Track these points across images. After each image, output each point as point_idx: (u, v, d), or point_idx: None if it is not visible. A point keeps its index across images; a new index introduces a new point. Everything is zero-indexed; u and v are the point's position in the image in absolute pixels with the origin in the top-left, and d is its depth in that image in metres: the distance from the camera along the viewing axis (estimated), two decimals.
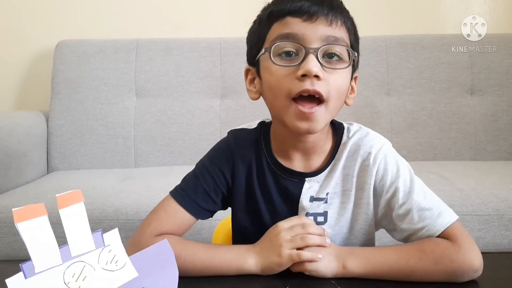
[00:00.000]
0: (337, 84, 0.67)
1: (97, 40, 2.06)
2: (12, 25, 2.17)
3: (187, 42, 2.05)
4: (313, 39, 0.65)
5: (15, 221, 0.43)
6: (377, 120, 1.98)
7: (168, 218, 0.75)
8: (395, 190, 0.72)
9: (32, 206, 0.44)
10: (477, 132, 1.98)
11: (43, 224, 0.44)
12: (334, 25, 0.66)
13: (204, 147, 1.96)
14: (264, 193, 0.78)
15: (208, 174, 0.78)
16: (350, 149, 0.76)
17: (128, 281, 0.50)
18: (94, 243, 0.48)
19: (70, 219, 0.46)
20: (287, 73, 0.66)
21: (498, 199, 1.37)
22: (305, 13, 0.65)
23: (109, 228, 0.49)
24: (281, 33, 0.67)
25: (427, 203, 0.71)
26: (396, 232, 0.75)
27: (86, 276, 0.47)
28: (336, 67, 0.67)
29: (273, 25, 0.69)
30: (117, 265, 0.50)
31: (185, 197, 0.76)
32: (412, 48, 2.03)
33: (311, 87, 0.64)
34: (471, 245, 0.66)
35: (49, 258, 0.45)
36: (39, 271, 0.44)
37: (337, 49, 0.67)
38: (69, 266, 0.46)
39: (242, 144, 0.80)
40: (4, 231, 1.36)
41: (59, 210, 0.45)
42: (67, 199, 0.46)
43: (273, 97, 0.69)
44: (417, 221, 0.70)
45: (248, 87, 0.77)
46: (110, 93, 2.00)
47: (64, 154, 1.96)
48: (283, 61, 0.67)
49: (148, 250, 0.55)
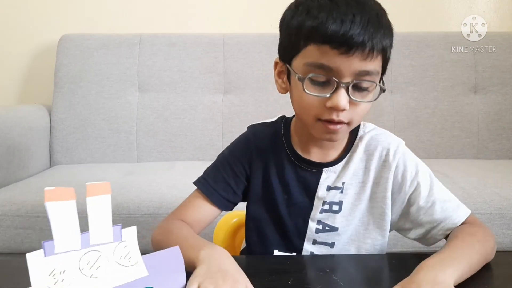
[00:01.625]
0: (362, 111, 0.71)
1: (100, 34, 2.06)
2: (15, 19, 2.17)
3: (190, 38, 2.05)
4: (346, 74, 0.66)
5: (45, 200, 0.44)
6: (380, 117, 1.98)
7: (192, 207, 0.81)
8: (417, 185, 0.76)
9: (63, 189, 0.46)
10: (480, 130, 1.98)
11: (70, 207, 0.46)
12: (370, 58, 0.66)
13: (207, 142, 1.98)
14: (282, 183, 0.81)
15: (227, 164, 0.83)
16: (367, 143, 0.80)
17: (138, 279, 0.52)
18: (113, 236, 0.50)
19: (95, 208, 0.48)
20: (317, 101, 0.68)
21: (500, 198, 1.37)
22: (343, 46, 0.64)
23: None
24: (316, 62, 0.67)
25: (447, 195, 0.77)
26: (414, 229, 0.78)
27: (100, 266, 0.49)
28: (363, 100, 0.69)
29: (310, 44, 0.67)
30: (130, 262, 0.52)
31: (206, 185, 0.82)
32: (416, 46, 2.03)
33: (336, 118, 0.68)
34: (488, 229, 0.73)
35: (69, 241, 0.47)
36: (58, 252, 0.46)
37: (366, 83, 0.68)
38: (86, 253, 0.48)
39: (260, 137, 0.84)
40: (6, 224, 1.36)
41: (87, 198, 0.48)
42: (96, 189, 0.49)
43: (301, 112, 0.73)
44: (440, 212, 0.75)
45: (277, 79, 0.79)
46: (112, 88, 2.00)
47: (66, 148, 1.97)
48: (315, 87, 0.68)
49: (161, 253, 0.57)
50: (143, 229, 1.36)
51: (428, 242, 0.78)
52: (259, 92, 1.99)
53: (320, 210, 0.78)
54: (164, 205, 1.37)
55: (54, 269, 0.45)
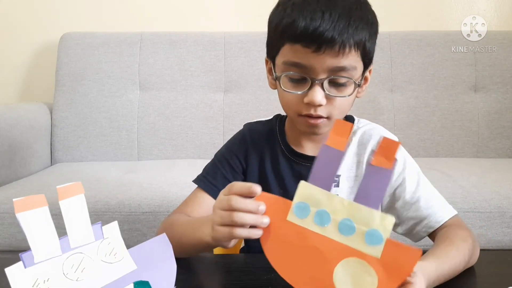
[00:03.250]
0: (340, 105, 0.72)
1: (102, 33, 2.06)
2: (16, 18, 2.17)
3: (191, 36, 2.05)
4: (319, 71, 0.68)
5: (15, 211, 0.43)
6: (380, 116, 1.98)
7: (194, 203, 0.82)
8: (403, 180, 0.78)
9: (33, 197, 0.44)
10: (480, 129, 1.98)
11: (43, 215, 0.44)
12: (342, 54, 0.67)
13: (207, 141, 1.99)
14: (278, 178, 0.83)
15: (225, 159, 0.85)
16: (360, 137, 0.81)
17: (126, 274, 0.51)
18: (94, 235, 0.49)
19: (70, 211, 0.47)
20: (295, 97, 0.72)
21: (500, 197, 1.37)
22: (313, 44, 0.66)
23: (111, 221, 0.49)
24: (290, 60, 0.70)
25: (434, 193, 0.78)
26: (400, 225, 0.79)
27: (85, 267, 0.48)
28: (340, 95, 0.70)
29: (285, 44, 0.70)
30: (116, 258, 0.51)
31: (206, 182, 0.83)
32: (416, 44, 2.02)
33: (314, 113, 0.71)
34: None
35: (48, 249, 0.45)
36: (38, 261, 0.45)
37: (342, 79, 0.69)
38: (68, 257, 0.47)
39: (256, 134, 0.87)
40: (7, 222, 1.37)
41: (59, 201, 0.46)
42: (67, 191, 0.47)
43: (284, 108, 0.78)
44: (424, 208, 0.76)
45: (268, 76, 0.82)
46: (114, 86, 2.01)
47: (67, 146, 1.97)
48: (292, 85, 0.72)
49: (147, 243, 0.55)
50: (144, 227, 1.37)
51: (414, 237, 0.79)
52: (260, 90, 1.99)
53: None
54: (165, 203, 1.37)
55: (37, 278, 0.44)
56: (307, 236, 0.52)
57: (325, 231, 0.52)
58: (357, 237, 0.50)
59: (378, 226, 0.50)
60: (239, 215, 0.55)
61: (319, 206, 0.52)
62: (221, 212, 0.57)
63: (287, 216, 0.53)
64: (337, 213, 0.52)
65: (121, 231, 0.52)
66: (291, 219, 0.53)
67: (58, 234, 0.46)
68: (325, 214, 0.52)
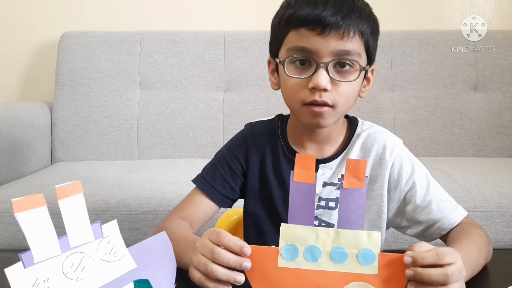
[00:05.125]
0: (345, 93, 0.71)
1: (102, 32, 2.06)
2: (17, 16, 2.17)
3: (191, 35, 2.05)
4: (324, 54, 0.68)
5: (14, 211, 0.42)
6: (380, 115, 1.98)
7: (191, 205, 0.81)
8: (413, 183, 0.77)
9: (32, 197, 0.44)
10: (480, 128, 1.98)
11: (42, 214, 0.44)
12: (346, 38, 0.68)
13: (207, 140, 1.99)
14: (279, 179, 0.82)
15: (225, 161, 0.84)
16: (364, 140, 0.80)
17: (126, 272, 0.51)
18: (93, 234, 0.49)
19: (69, 210, 0.47)
20: (300, 83, 0.71)
21: (500, 196, 1.37)
22: (318, 26, 0.67)
23: (111, 220, 0.49)
24: (295, 45, 0.71)
25: (444, 195, 0.78)
26: (411, 228, 0.79)
27: (85, 266, 0.48)
28: (344, 80, 0.70)
29: (290, 31, 0.72)
30: (115, 256, 0.50)
31: (204, 183, 0.82)
32: (416, 44, 2.02)
33: (319, 99, 0.69)
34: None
35: (48, 249, 0.45)
36: (38, 261, 0.44)
37: (347, 61, 0.70)
38: (68, 256, 0.47)
39: (257, 134, 0.86)
40: (7, 221, 1.37)
41: (58, 201, 0.46)
42: (66, 190, 0.47)
43: (289, 99, 0.75)
44: (436, 211, 0.75)
45: (270, 77, 0.82)
46: (114, 85, 2.01)
47: (67, 145, 1.97)
48: (297, 71, 0.71)
49: (147, 241, 0.55)
50: (144, 226, 1.37)
51: (425, 239, 0.78)
52: (260, 89, 1.99)
53: (316, 206, 0.79)
54: (165, 202, 1.37)
55: (37, 278, 0.44)
56: (304, 276, 0.53)
57: (319, 265, 0.53)
58: (351, 261, 0.52)
59: (368, 245, 0.52)
60: (214, 268, 0.53)
61: (307, 243, 0.53)
62: (200, 257, 0.55)
63: (278, 263, 0.53)
64: (325, 245, 0.53)
65: (121, 230, 0.51)
66: (282, 264, 0.53)
67: (58, 233, 0.46)
68: (314, 249, 0.53)
